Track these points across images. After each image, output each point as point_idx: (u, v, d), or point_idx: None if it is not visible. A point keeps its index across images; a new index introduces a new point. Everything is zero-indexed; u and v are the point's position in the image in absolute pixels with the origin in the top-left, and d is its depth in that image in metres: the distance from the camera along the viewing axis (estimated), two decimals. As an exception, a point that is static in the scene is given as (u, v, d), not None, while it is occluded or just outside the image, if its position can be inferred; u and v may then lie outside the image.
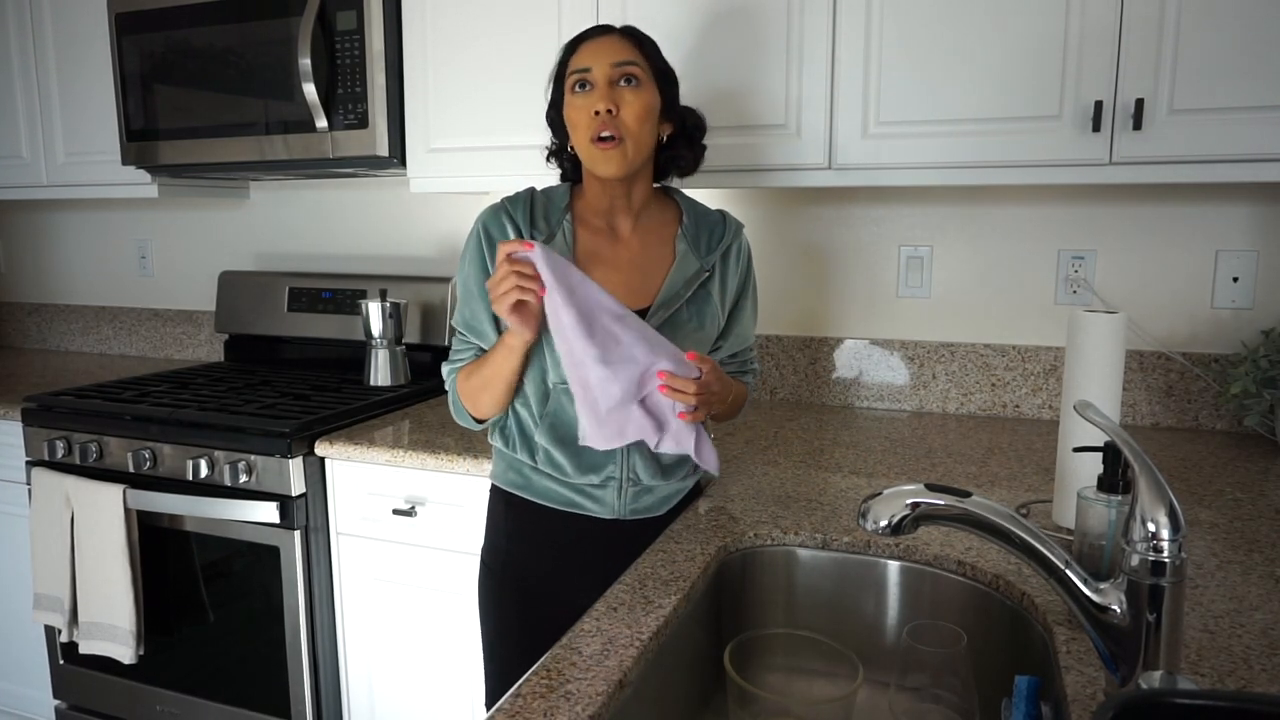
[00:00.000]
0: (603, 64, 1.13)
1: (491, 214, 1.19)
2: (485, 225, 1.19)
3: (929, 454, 1.54)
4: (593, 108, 1.12)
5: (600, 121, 1.11)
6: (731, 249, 1.24)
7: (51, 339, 2.84)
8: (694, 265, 1.20)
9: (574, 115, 1.14)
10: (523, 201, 1.20)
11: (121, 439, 1.77)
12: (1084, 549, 0.92)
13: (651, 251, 1.21)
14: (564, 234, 1.18)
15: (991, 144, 1.46)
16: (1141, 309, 1.73)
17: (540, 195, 1.22)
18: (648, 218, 1.23)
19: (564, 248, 1.17)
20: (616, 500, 1.20)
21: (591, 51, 1.14)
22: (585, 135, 1.13)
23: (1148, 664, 0.67)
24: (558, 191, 1.23)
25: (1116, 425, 0.72)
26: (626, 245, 1.21)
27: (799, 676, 0.95)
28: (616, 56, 1.13)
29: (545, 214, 1.19)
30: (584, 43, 1.17)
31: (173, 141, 2.02)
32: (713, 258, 1.22)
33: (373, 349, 2.02)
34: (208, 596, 1.77)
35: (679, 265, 1.19)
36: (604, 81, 1.12)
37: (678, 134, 1.22)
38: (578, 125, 1.14)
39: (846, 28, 1.51)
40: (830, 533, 1.14)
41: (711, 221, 1.25)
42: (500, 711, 0.73)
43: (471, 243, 1.20)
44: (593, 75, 1.13)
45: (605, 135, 1.11)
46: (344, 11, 1.79)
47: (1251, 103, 1.33)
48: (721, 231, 1.24)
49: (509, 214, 1.18)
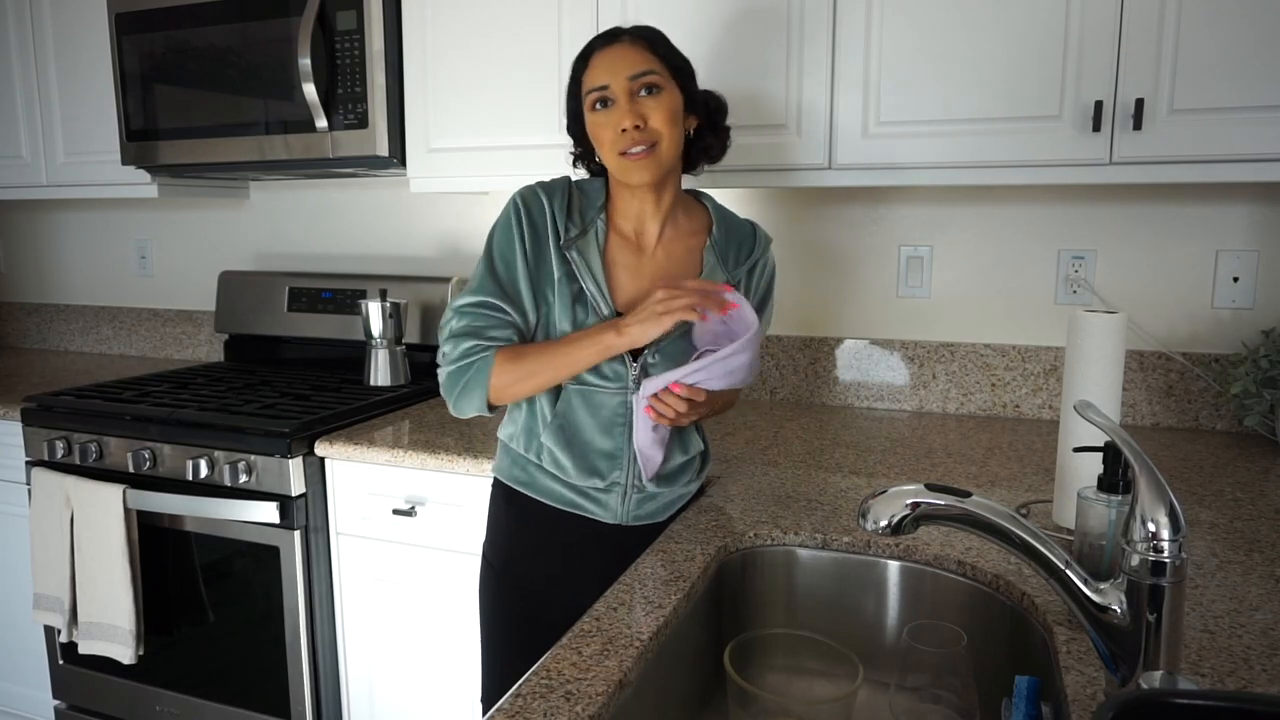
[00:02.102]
0: (620, 78, 1.10)
1: (530, 193, 1.16)
2: (525, 201, 1.15)
3: (929, 454, 1.54)
4: (619, 125, 1.09)
5: (629, 138, 1.09)
6: (759, 264, 1.23)
7: (51, 339, 2.83)
8: (720, 279, 1.18)
9: (599, 133, 1.12)
10: (560, 191, 1.17)
11: (121, 439, 1.77)
12: (1084, 549, 0.92)
13: (678, 264, 1.19)
14: (597, 234, 1.16)
15: (992, 144, 1.46)
16: (1141, 309, 1.73)
17: (576, 188, 1.19)
18: (676, 224, 1.20)
19: (595, 247, 1.15)
20: (620, 506, 1.20)
21: (606, 65, 1.11)
22: (613, 150, 1.11)
23: (1148, 664, 0.67)
24: (593, 187, 1.20)
25: (1116, 425, 0.72)
26: (652, 257, 1.18)
27: (799, 676, 0.95)
28: (633, 68, 1.10)
29: (581, 209, 1.17)
30: (596, 54, 1.13)
31: (172, 141, 2.02)
32: (739, 271, 1.20)
33: (373, 349, 2.02)
34: (207, 596, 1.77)
35: (705, 279, 1.16)
36: (624, 96, 1.10)
37: (703, 124, 1.20)
38: (604, 141, 1.12)
39: (847, 28, 1.51)
40: (830, 533, 1.14)
41: (742, 234, 1.23)
42: (500, 711, 0.73)
43: (510, 217, 1.15)
44: (611, 92, 1.10)
45: (636, 150, 1.09)
46: (344, 11, 1.79)
47: (1251, 103, 1.33)
48: (751, 245, 1.23)
49: (547, 197, 1.15)
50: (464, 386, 1.13)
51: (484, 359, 1.12)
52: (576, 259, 1.14)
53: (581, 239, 1.15)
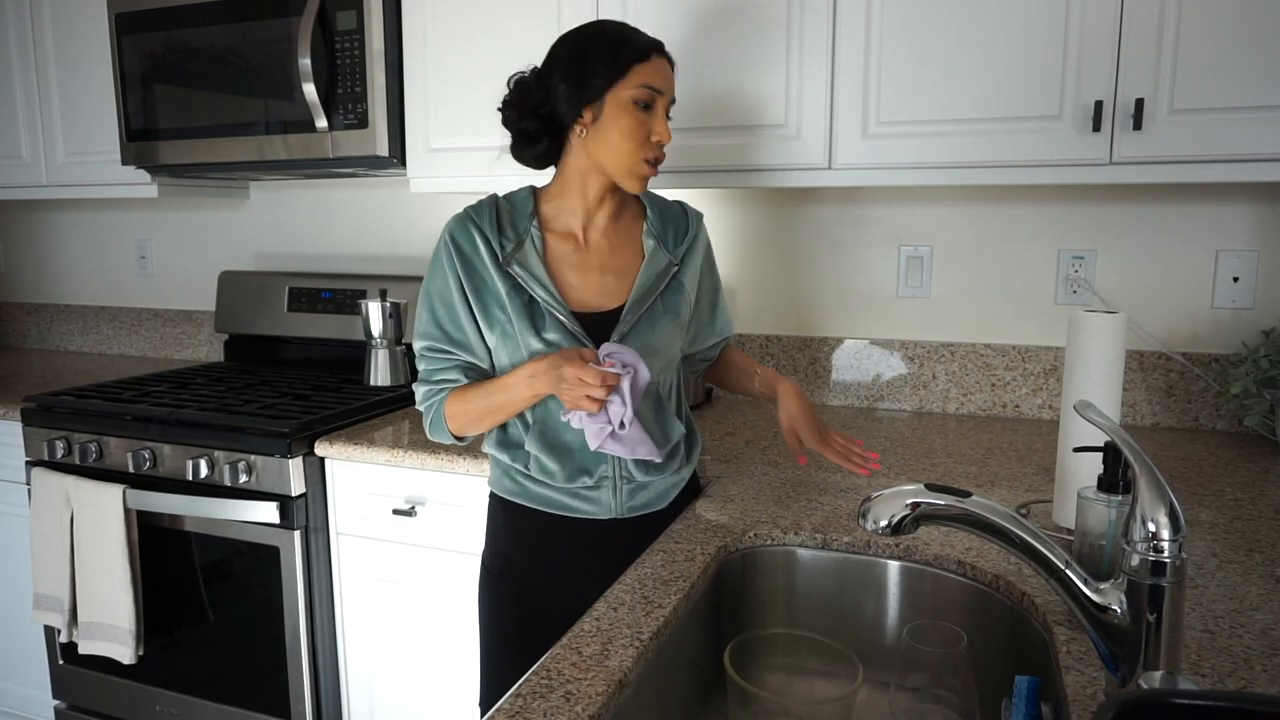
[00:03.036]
0: (669, 92, 1.17)
1: (458, 224, 1.18)
2: (454, 236, 1.18)
3: (929, 454, 1.54)
4: (658, 135, 1.15)
5: (657, 150, 1.16)
6: (696, 241, 1.28)
7: (51, 339, 2.83)
8: (664, 260, 1.23)
9: (636, 129, 1.13)
10: (488, 209, 1.20)
11: (121, 439, 1.77)
12: (1084, 549, 0.92)
13: (621, 252, 1.23)
14: (533, 241, 1.19)
15: (992, 144, 1.46)
16: (1141, 309, 1.73)
17: (504, 202, 1.22)
18: (617, 216, 1.25)
19: (535, 255, 1.17)
20: (613, 499, 1.20)
21: (662, 74, 1.15)
22: (638, 154, 1.15)
23: (1148, 664, 0.67)
24: (520, 197, 1.23)
25: (1116, 425, 0.72)
26: (595, 249, 1.22)
27: (799, 676, 0.95)
28: (673, 88, 1.18)
29: (512, 222, 1.20)
30: (654, 57, 1.15)
31: (173, 141, 2.02)
32: (680, 249, 1.25)
33: (373, 349, 2.02)
34: (207, 596, 1.77)
35: (649, 262, 1.22)
36: (664, 110, 1.16)
37: None
38: (635, 140, 1.14)
39: (847, 28, 1.51)
40: (830, 533, 1.14)
41: (675, 215, 1.28)
42: (500, 711, 0.73)
43: (440, 256, 1.18)
44: (660, 100, 1.15)
45: (654, 163, 1.16)
46: (344, 11, 1.79)
47: (1251, 103, 1.33)
48: (685, 224, 1.28)
49: (475, 223, 1.18)
50: (431, 425, 1.22)
51: (438, 402, 1.20)
52: (519, 271, 1.17)
53: (519, 251, 1.18)
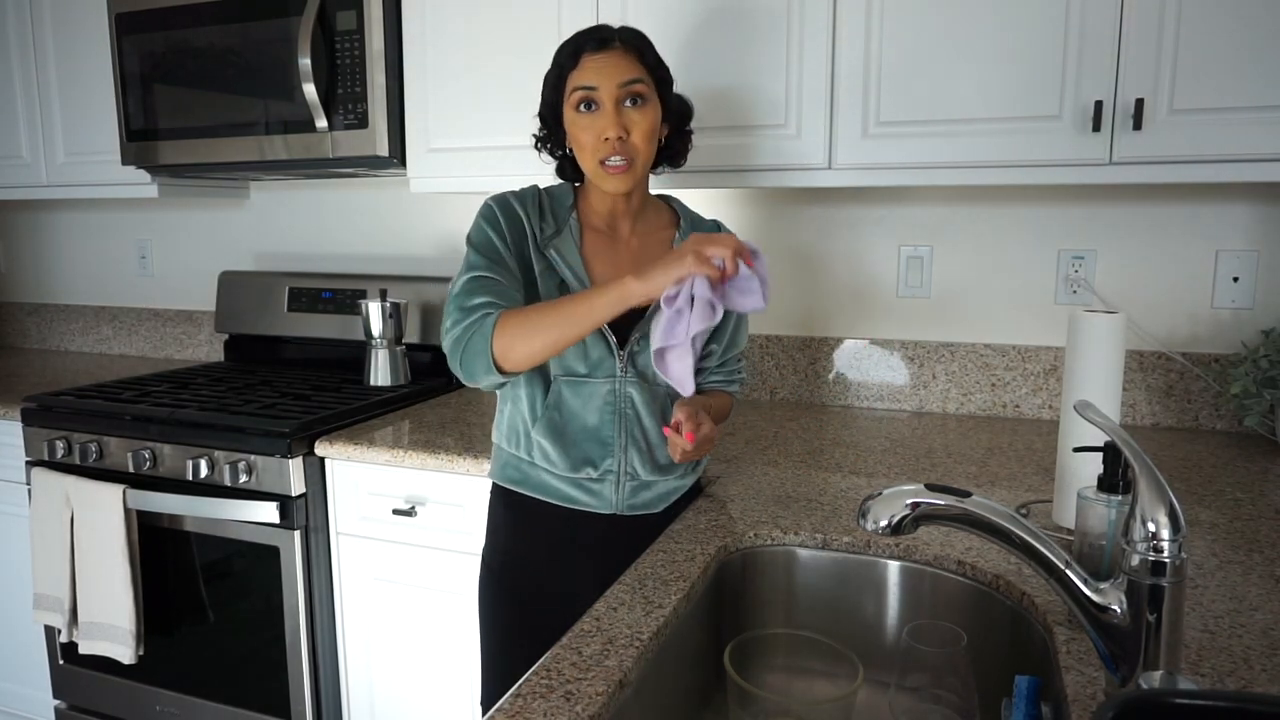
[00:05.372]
0: (609, 84, 1.11)
1: (503, 200, 1.19)
2: (498, 206, 1.18)
3: (929, 454, 1.54)
4: (602, 133, 1.11)
5: (610, 147, 1.11)
6: None
7: (51, 339, 2.83)
8: None
9: (580, 135, 1.13)
10: (531, 197, 1.21)
11: (121, 439, 1.77)
12: (1084, 549, 0.92)
13: (651, 251, 1.23)
14: (571, 231, 1.20)
15: (991, 144, 1.46)
16: (1141, 309, 1.73)
17: (545, 194, 1.23)
18: (646, 220, 1.25)
19: (571, 243, 1.19)
20: (614, 495, 1.21)
21: (596, 69, 1.11)
22: (593, 157, 1.13)
23: (1148, 664, 0.67)
24: (561, 190, 1.25)
25: (1116, 425, 0.72)
26: (627, 245, 1.23)
27: (799, 676, 0.95)
28: (622, 76, 1.11)
29: (552, 210, 1.21)
30: (586, 55, 1.13)
31: (173, 141, 2.02)
32: None
33: (373, 349, 2.02)
34: (207, 596, 1.77)
35: None
36: (611, 103, 1.11)
37: (673, 131, 1.23)
38: (584, 145, 1.14)
39: (847, 28, 1.51)
40: (830, 533, 1.14)
41: (707, 228, 1.29)
42: (500, 711, 0.73)
43: (483, 219, 1.18)
44: (599, 95, 1.11)
45: (615, 161, 1.11)
46: (344, 11, 1.79)
47: (1251, 103, 1.33)
48: None
49: (519, 201, 1.19)
50: (465, 351, 1.08)
51: (487, 316, 1.08)
52: (554, 255, 1.18)
53: (557, 237, 1.19)
